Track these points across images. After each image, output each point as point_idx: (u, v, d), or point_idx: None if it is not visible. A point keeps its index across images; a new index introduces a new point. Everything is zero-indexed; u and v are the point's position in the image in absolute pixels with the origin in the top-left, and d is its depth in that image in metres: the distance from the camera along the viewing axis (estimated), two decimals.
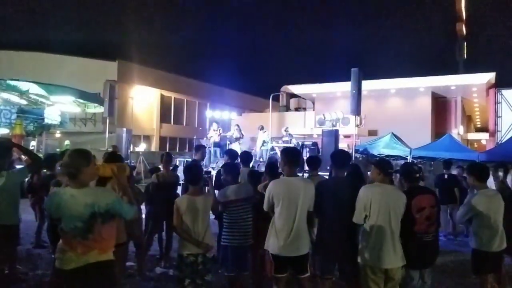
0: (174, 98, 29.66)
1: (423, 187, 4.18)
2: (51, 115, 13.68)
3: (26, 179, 6.15)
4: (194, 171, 4.12)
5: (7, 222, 4.05)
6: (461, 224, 7.66)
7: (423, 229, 3.75)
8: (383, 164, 3.92)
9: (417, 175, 4.05)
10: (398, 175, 4.33)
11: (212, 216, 4.23)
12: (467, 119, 31.87)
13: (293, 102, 30.80)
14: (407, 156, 14.46)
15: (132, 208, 3.05)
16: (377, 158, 11.91)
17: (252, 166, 13.30)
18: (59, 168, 3.07)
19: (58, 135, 21.81)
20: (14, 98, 13.33)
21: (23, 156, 8.88)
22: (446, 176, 9.04)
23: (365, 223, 3.64)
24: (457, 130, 24.14)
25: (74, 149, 3.02)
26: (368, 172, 8.03)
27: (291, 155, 4.02)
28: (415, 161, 14.22)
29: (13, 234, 4.27)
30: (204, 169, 5.77)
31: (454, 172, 9.35)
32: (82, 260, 2.81)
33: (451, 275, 5.91)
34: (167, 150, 23.28)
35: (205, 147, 7.18)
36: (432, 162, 17.15)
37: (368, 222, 3.61)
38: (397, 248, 3.59)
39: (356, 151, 14.49)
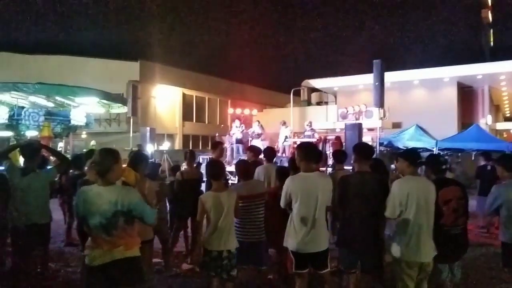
0: (196, 96, 29.86)
1: (449, 178, 4.09)
2: (77, 117, 14.03)
3: (56, 179, 6.34)
4: (215, 165, 4.14)
5: (38, 221, 4.17)
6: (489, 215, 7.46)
7: (450, 222, 3.67)
8: (412, 155, 3.81)
9: (444, 166, 3.97)
10: (423, 166, 4.24)
11: None
12: (495, 109, 30.92)
13: (314, 96, 30.56)
14: (433, 148, 14.18)
15: (154, 213, 3.09)
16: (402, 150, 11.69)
17: (275, 162, 13.32)
18: (88, 166, 3.15)
19: (84, 136, 22.31)
20: (42, 101, 13.73)
21: (51, 157, 9.14)
22: (489, 167, 8.72)
23: (400, 218, 3.56)
24: (485, 120, 23.47)
25: (104, 148, 3.09)
26: (392, 166, 7.92)
27: (307, 150, 3.98)
28: (441, 153, 13.93)
29: (45, 232, 4.40)
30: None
31: (483, 163, 9.06)
32: (108, 257, 2.88)
33: (482, 269, 5.76)
34: (190, 148, 23.52)
35: (223, 144, 7.19)
36: (459, 154, 16.76)
37: (404, 217, 3.52)
38: (431, 240, 3.55)
39: (381, 144, 14.28)
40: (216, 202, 3.80)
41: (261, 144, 13.85)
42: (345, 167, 5.43)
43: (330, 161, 11.69)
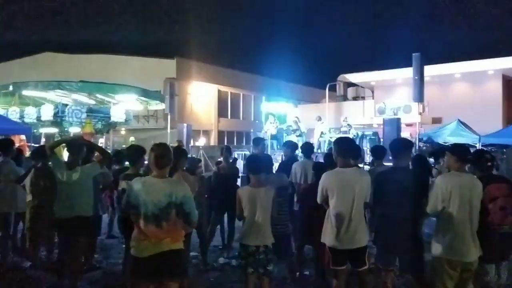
0: (231, 92, 30.09)
1: (495, 175, 3.92)
2: (117, 114, 14.45)
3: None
4: (254, 160, 4.17)
5: (83, 214, 4.33)
6: None
7: (497, 220, 3.52)
8: (461, 150, 3.64)
9: (489, 163, 3.81)
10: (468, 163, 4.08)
11: None
12: None
13: (350, 91, 30.05)
14: (476, 144, 13.60)
15: (197, 215, 3.18)
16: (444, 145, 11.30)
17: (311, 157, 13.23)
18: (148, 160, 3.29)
19: (123, 132, 22.99)
20: (83, 98, 14.25)
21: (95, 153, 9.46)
22: None
23: (443, 215, 3.44)
24: None
25: (161, 143, 3.28)
26: (431, 160, 7.68)
27: (344, 145, 3.90)
28: (485, 149, 13.36)
29: (91, 225, 4.57)
30: None
31: None
32: (157, 248, 2.98)
33: None
34: (226, 144, 23.73)
35: (264, 140, 7.19)
36: (504, 150, 16.02)
37: (447, 214, 3.40)
38: (476, 239, 3.40)
39: (420, 139, 13.87)
40: (252, 197, 3.82)
41: (296, 140, 13.79)
42: (385, 164, 5.30)
43: (368, 158, 11.51)
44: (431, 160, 8.27)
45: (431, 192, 3.47)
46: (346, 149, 3.84)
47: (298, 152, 6.96)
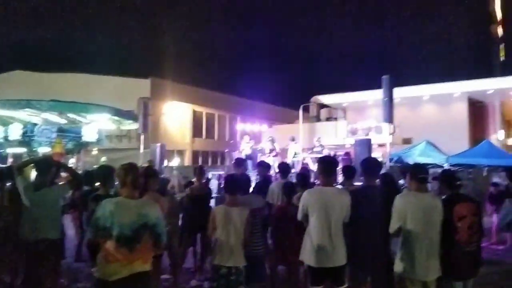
0: (206, 112, 30.09)
1: (464, 194, 4.03)
2: (89, 133, 14.16)
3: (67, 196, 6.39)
4: (231, 180, 4.17)
5: (50, 236, 4.20)
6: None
7: (465, 239, 3.61)
8: (414, 169, 3.76)
9: (458, 182, 3.93)
10: (436, 182, 4.20)
11: None
12: (507, 124, 30.57)
13: (323, 112, 30.54)
14: (444, 164, 14.03)
15: (165, 237, 3.15)
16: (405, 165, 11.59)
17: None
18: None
19: (95, 152, 22.49)
20: (54, 117, 13.93)
21: (63, 174, 9.23)
22: None
23: (402, 234, 3.53)
24: (496, 136, 23.23)
25: (131, 163, 3.26)
26: (400, 181, 7.85)
27: (327, 164, 3.97)
28: (452, 168, 13.77)
29: (57, 248, 4.43)
30: None
31: (497, 179, 8.90)
32: (126, 270, 2.92)
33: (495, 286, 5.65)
34: (200, 164, 23.57)
35: (246, 161, 7.19)
36: (470, 170, 16.54)
37: (404, 233, 3.49)
38: (435, 258, 3.46)
39: (390, 160, 14.19)
40: (227, 216, 3.80)
41: (272, 160, 13.85)
42: (356, 183, 5.40)
43: (340, 178, 11.65)
44: (401, 181, 8.43)
45: (392, 211, 3.55)
46: (329, 169, 3.90)
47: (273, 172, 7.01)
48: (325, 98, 27.59)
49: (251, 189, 5.97)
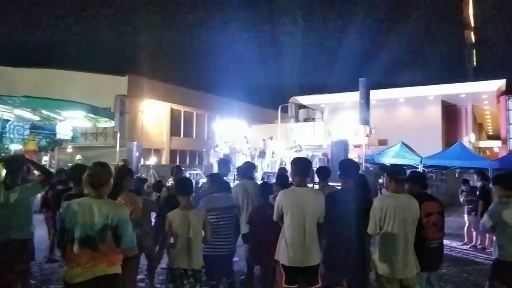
0: (184, 111, 29.87)
1: (429, 194, 4.21)
2: (63, 130, 13.85)
3: (40, 194, 6.24)
4: (185, 182, 4.13)
5: (21, 236, 4.10)
6: (485, 233, 7.53)
7: (430, 235, 3.76)
8: (393, 170, 3.86)
9: (424, 182, 4.07)
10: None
11: None
12: (479, 127, 31.56)
13: (302, 113, 30.83)
14: (418, 165, 14.35)
15: (133, 241, 3.07)
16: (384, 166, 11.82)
17: (262, 177, 13.39)
18: (84, 179, 3.14)
19: (69, 150, 22.06)
20: (27, 114, 13.56)
21: (35, 172, 9.00)
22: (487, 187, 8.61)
23: (380, 234, 3.60)
24: (468, 138, 23.92)
25: (99, 162, 3.12)
26: (380, 180, 7.97)
27: (302, 165, 4.00)
28: (426, 170, 14.11)
29: (27, 248, 4.32)
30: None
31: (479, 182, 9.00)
32: (90, 273, 2.85)
33: (465, 286, 5.82)
34: (177, 163, 23.38)
35: (230, 162, 7.11)
36: (443, 171, 16.99)
37: (383, 233, 3.57)
38: (412, 257, 3.57)
39: (366, 161, 14.42)
40: (184, 220, 3.76)
41: (248, 159, 13.88)
42: (331, 183, 5.46)
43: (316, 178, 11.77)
44: (380, 181, 8.55)
45: (370, 213, 3.63)
46: (303, 169, 3.93)
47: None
48: (303, 99, 27.82)
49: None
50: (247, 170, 6.07)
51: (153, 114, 26.50)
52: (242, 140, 16.00)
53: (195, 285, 3.74)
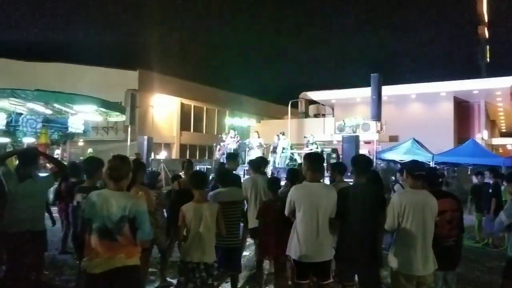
0: (194, 106, 29.93)
1: (445, 191, 4.13)
2: (75, 124, 13.98)
3: (54, 187, 6.30)
4: (199, 175, 4.13)
5: (35, 228, 4.14)
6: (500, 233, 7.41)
7: (444, 233, 3.69)
8: (411, 166, 3.82)
9: (440, 179, 4.01)
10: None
11: None
12: (491, 124, 31.15)
13: (312, 109, 30.72)
14: (429, 162, 14.21)
15: (150, 233, 3.10)
16: (404, 162, 11.70)
17: (272, 172, 13.38)
18: (104, 172, 3.19)
19: (81, 143, 22.25)
20: (39, 108, 13.71)
21: (48, 164, 9.09)
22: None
23: (397, 230, 3.56)
24: (481, 135, 23.63)
25: (119, 155, 3.18)
26: (392, 177, 7.87)
27: (314, 160, 3.99)
28: (437, 167, 13.98)
29: (41, 240, 4.37)
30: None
31: (487, 179, 8.85)
32: (109, 264, 2.89)
33: (477, 284, 5.76)
34: (188, 158, 23.46)
35: (238, 156, 7.14)
36: (455, 168, 16.80)
37: (401, 230, 3.53)
38: (430, 254, 3.52)
39: (377, 157, 14.32)
40: (197, 213, 3.76)
41: (260, 154, 13.91)
42: (345, 180, 5.43)
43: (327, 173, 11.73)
44: (393, 178, 8.42)
45: (388, 209, 3.58)
46: (316, 165, 3.92)
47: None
48: (314, 95, 27.68)
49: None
50: (259, 164, 6.08)
51: (164, 109, 26.60)
52: (253, 135, 16.00)
53: (207, 279, 3.74)
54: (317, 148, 14.86)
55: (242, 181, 5.72)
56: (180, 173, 6.79)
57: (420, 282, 3.52)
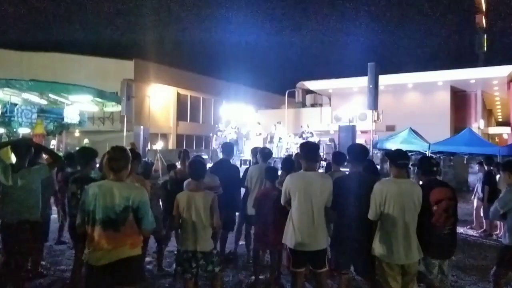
0: (190, 96, 29.82)
1: (439, 180, 4.12)
2: (70, 115, 13.89)
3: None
4: (196, 165, 4.12)
5: (31, 218, 4.14)
6: (495, 220, 7.47)
7: (441, 222, 3.70)
8: (394, 155, 3.79)
9: (435, 168, 4.00)
10: (415, 168, 4.27)
11: None
12: (488, 113, 31.22)
13: (309, 98, 30.65)
14: (426, 151, 14.24)
15: (153, 222, 3.13)
16: (387, 151, 11.73)
17: (268, 162, 13.37)
18: (104, 163, 3.19)
19: (77, 134, 22.18)
20: (35, 98, 13.61)
21: (44, 155, 9.05)
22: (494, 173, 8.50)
23: (380, 219, 3.58)
24: (477, 124, 23.69)
25: (118, 146, 3.20)
26: (386, 166, 7.89)
27: (309, 149, 4.00)
28: (434, 156, 14.01)
29: (36, 230, 4.36)
30: None
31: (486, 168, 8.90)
32: (113, 256, 2.92)
33: (472, 271, 5.82)
34: (184, 148, 23.45)
35: (233, 146, 7.14)
36: (451, 157, 16.86)
37: (383, 218, 3.54)
38: (413, 243, 3.52)
39: (374, 146, 14.34)
40: (189, 202, 3.75)
41: (260, 143, 13.95)
42: (342, 169, 5.45)
43: (323, 163, 11.76)
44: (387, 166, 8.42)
45: (371, 198, 3.59)
46: (311, 153, 3.92)
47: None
48: (311, 84, 27.62)
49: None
50: (269, 156, 6.07)
51: (160, 99, 26.50)
52: (254, 125, 16.01)
53: (206, 266, 3.74)
54: (312, 137, 14.86)
55: (239, 169, 5.74)
56: (176, 163, 6.77)
57: (405, 271, 3.53)
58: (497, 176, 7.82)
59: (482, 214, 8.56)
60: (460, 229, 8.71)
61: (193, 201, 3.75)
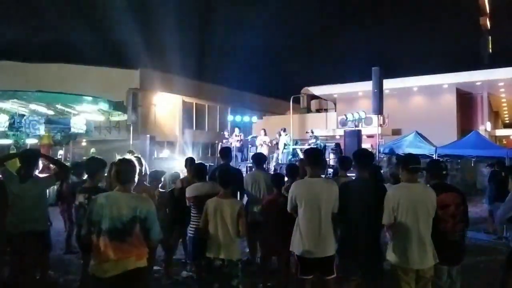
0: (196, 103, 29.91)
1: (449, 184, 4.09)
2: (77, 124, 14.01)
3: (55, 187, 6.32)
4: (224, 173, 4.14)
5: (36, 228, 4.16)
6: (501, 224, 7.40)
7: (448, 228, 3.67)
8: (405, 160, 3.80)
9: (444, 172, 3.97)
10: (424, 172, 4.24)
11: None
12: (495, 115, 30.98)
13: (314, 104, 30.63)
14: (433, 154, 14.15)
15: (160, 232, 3.15)
16: (399, 156, 11.64)
17: (274, 169, 13.39)
18: (112, 174, 3.25)
19: (84, 143, 22.31)
20: (42, 108, 13.75)
21: (51, 165, 9.12)
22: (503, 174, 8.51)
23: (394, 225, 3.55)
24: (484, 127, 23.51)
25: (125, 159, 3.26)
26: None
27: (314, 156, 4.00)
28: (441, 159, 13.91)
29: (43, 240, 4.39)
30: None
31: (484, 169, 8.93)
32: (120, 268, 2.92)
33: (481, 275, 5.75)
34: (190, 155, 23.45)
35: (231, 150, 7.22)
36: (459, 160, 16.73)
37: (398, 223, 3.52)
38: (428, 247, 3.50)
39: (380, 151, 14.28)
40: (216, 209, 3.78)
41: (265, 152, 13.96)
42: (348, 174, 5.43)
43: (329, 169, 11.72)
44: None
45: (384, 203, 3.57)
46: (316, 160, 3.92)
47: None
48: (315, 90, 27.61)
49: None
50: (260, 160, 6.12)
51: (166, 107, 26.60)
52: (259, 132, 16.02)
53: (231, 276, 3.77)
54: (317, 142, 14.81)
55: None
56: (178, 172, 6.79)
57: (420, 276, 3.51)
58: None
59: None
60: (471, 233, 8.63)
61: (220, 208, 3.77)
